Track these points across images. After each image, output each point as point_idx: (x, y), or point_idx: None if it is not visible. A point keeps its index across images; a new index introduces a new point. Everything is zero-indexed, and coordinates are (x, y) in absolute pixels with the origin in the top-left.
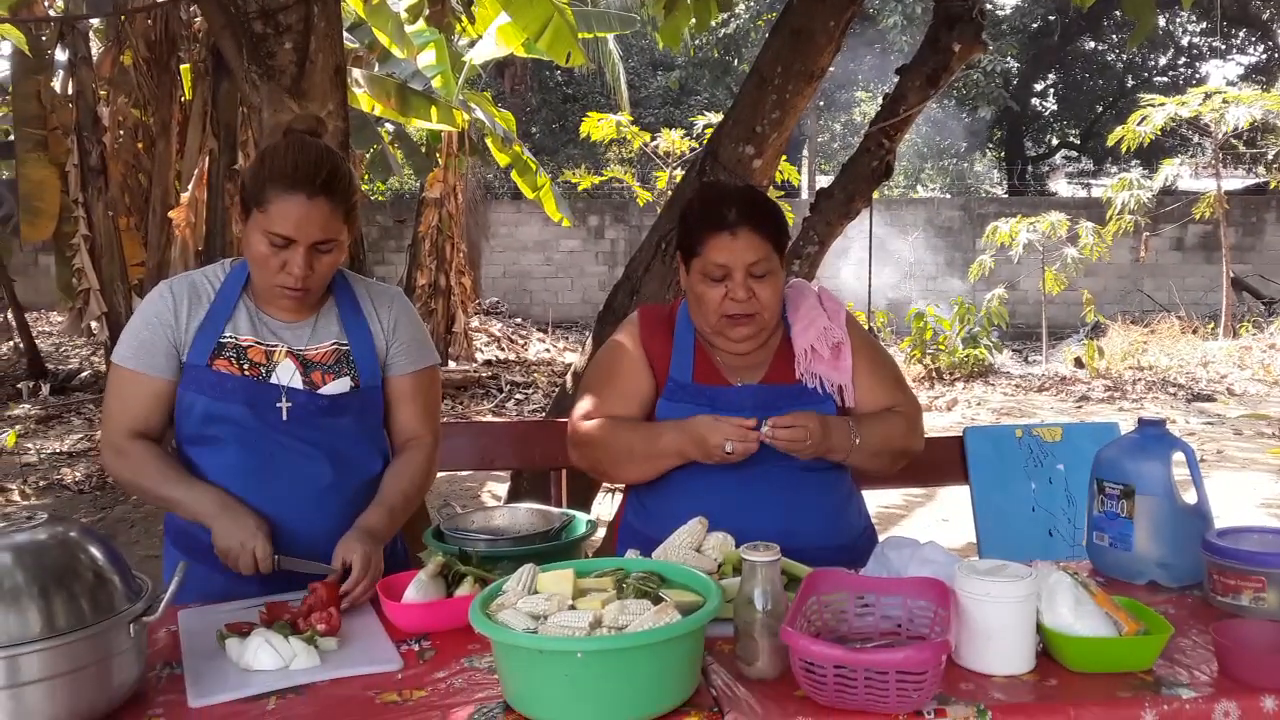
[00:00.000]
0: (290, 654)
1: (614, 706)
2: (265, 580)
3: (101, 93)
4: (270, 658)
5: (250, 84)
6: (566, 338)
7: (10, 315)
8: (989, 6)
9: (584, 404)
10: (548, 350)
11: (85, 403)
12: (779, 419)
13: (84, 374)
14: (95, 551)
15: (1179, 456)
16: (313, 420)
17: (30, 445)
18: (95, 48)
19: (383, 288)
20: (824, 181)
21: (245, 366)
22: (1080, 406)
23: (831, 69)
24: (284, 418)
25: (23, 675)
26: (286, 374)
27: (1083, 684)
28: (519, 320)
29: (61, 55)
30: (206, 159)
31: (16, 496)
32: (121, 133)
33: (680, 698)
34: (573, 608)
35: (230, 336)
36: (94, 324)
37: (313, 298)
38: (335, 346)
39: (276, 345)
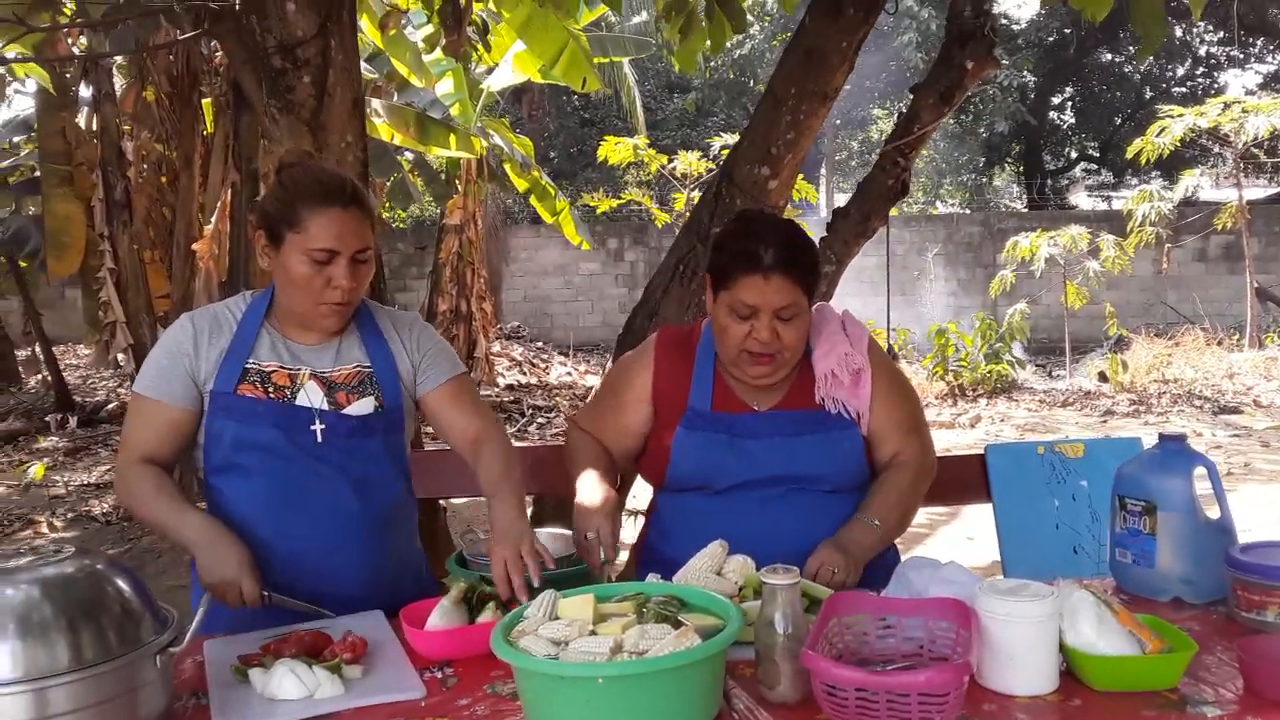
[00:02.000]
0: (315, 683)
1: None
2: (292, 611)
3: (125, 128)
4: (295, 687)
5: (270, 118)
6: (588, 360)
7: (38, 349)
8: (1004, 22)
9: (586, 411)
10: (569, 374)
11: (112, 435)
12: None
13: (111, 406)
14: (122, 583)
15: (1201, 471)
16: (343, 443)
17: (58, 478)
18: (119, 83)
19: (402, 314)
20: (841, 199)
21: (270, 390)
22: (1105, 421)
23: (847, 87)
24: (318, 440)
25: (51, 708)
26: (314, 397)
27: (1107, 703)
28: (540, 344)
29: (85, 92)
30: (229, 191)
31: (45, 529)
32: (145, 167)
33: None
34: (594, 633)
35: (254, 363)
36: (120, 356)
37: (352, 310)
38: (358, 369)
39: (300, 369)
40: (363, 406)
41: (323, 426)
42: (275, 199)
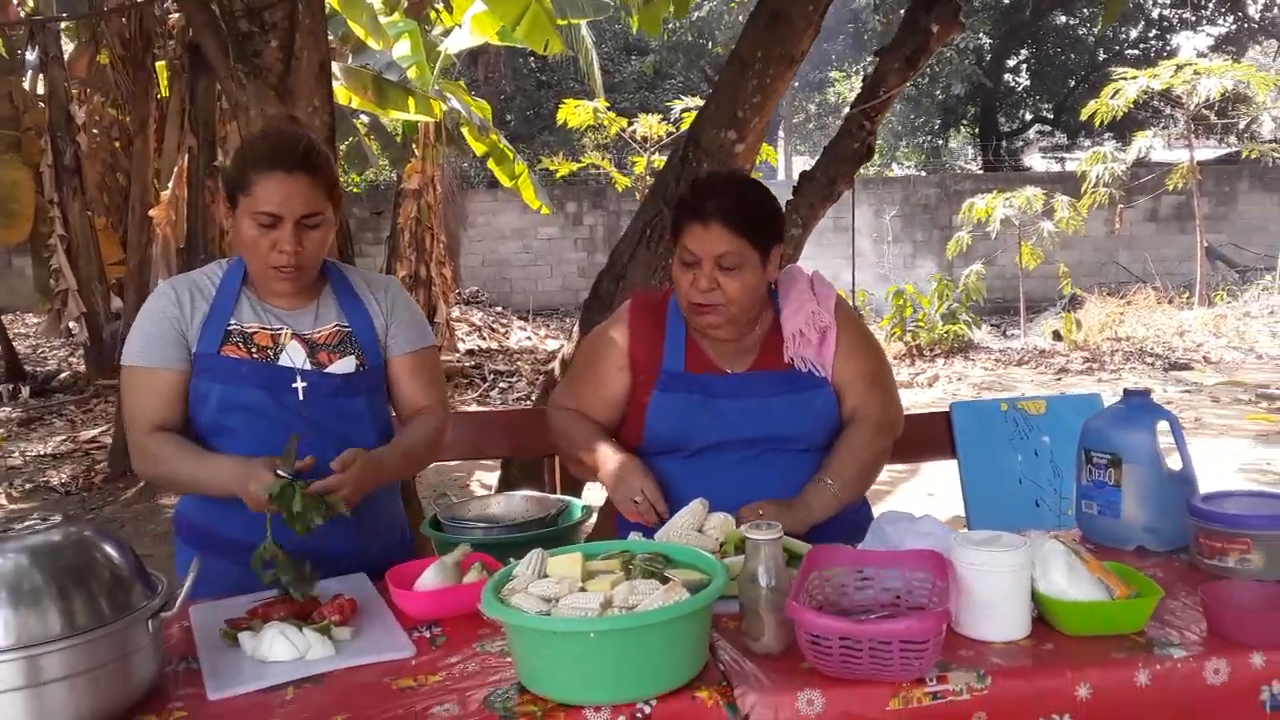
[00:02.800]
0: (305, 645)
1: (627, 684)
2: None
3: (74, 91)
4: (286, 649)
5: (237, 82)
6: (547, 325)
7: None
8: None
9: (562, 389)
10: (529, 338)
11: (66, 404)
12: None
13: (62, 375)
14: (110, 550)
15: (1163, 425)
16: (325, 402)
17: (13, 448)
18: (66, 46)
19: (377, 275)
20: (800, 162)
21: (254, 350)
22: (1060, 379)
23: None
24: (300, 398)
25: (45, 674)
26: (296, 356)
27: (1078, 647)
28: (499, 309)
29: (31, 55)
30: (186, 156)
31: (3, 499)
32: (96, 132)
33: (690, 673)
34: (583, 589)
35: (236, 324)
36: (73, 324)
37: (307, 276)
38: (338, 328)
39: (282, 329)
40: (345, 365)
41: (305, 385)
42: (233, 163)
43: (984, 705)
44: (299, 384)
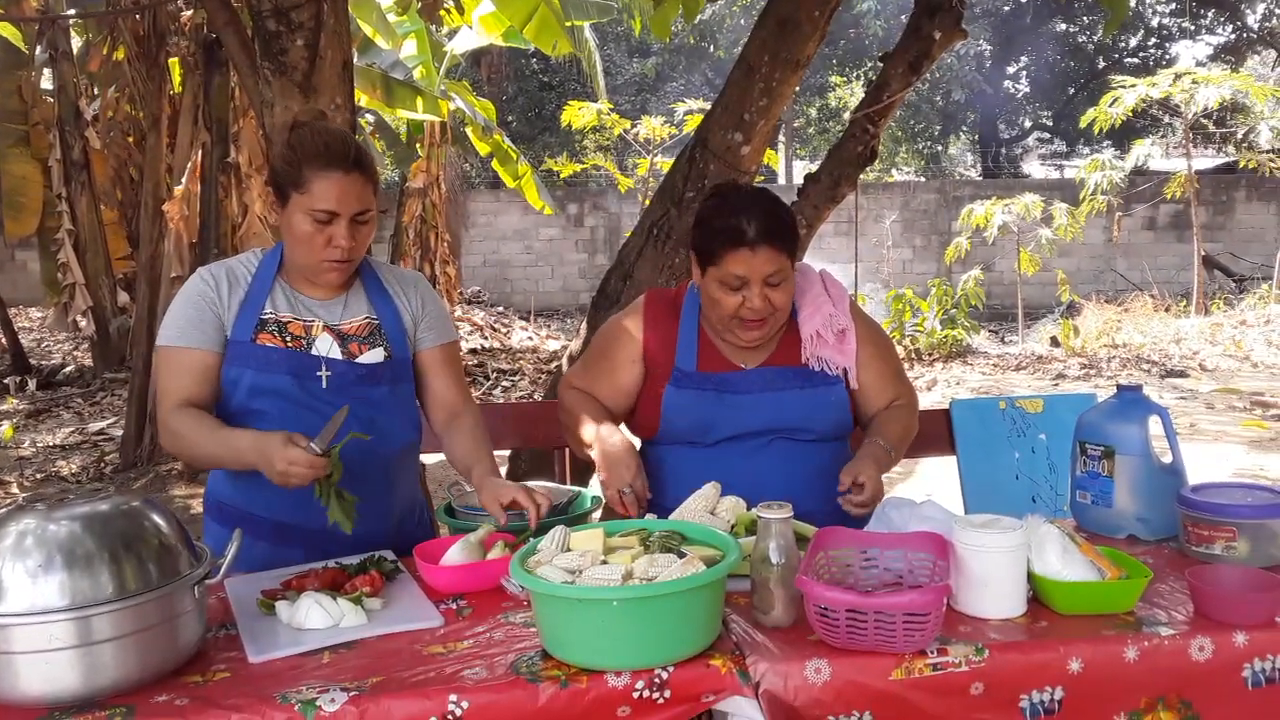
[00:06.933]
0: (339, 613)
1: (646, 650)
2: (306, 548)
3: (83, 87)
4: (320, 617)
5: (263, 79)
6: (548, 325)
7: None
8: None
9: (577, 369)
10: (530, 338)
11: (73, 397)
12: (852, 496)
13: (68, 369)
14: (158, 519)
15: (1155, 419)
16: (350, 389)
17: (23, 439)
18: (76, 42)
19: (404, 271)
20: (800, 166)
21: (287, 339)
22: (1056, 384)
23: None
24: (324, 386)
25: (96, 634)
26: (325, 346)
27: (1070, 625)
28: (500, 309)
29: (40, 51)
30: (199, 152)
31: (15, 489)
32: (108, 128)
33: (705, 642)
34: (604, 562)
35: (270, 313)
36: (80, 318)
37: (353, 268)
38: (367, 320)
39: (313, 320)
40: (374, 356)
41: (329, 374)
42: (283, 159)
43: (981, 677)
44: (323, 372)
